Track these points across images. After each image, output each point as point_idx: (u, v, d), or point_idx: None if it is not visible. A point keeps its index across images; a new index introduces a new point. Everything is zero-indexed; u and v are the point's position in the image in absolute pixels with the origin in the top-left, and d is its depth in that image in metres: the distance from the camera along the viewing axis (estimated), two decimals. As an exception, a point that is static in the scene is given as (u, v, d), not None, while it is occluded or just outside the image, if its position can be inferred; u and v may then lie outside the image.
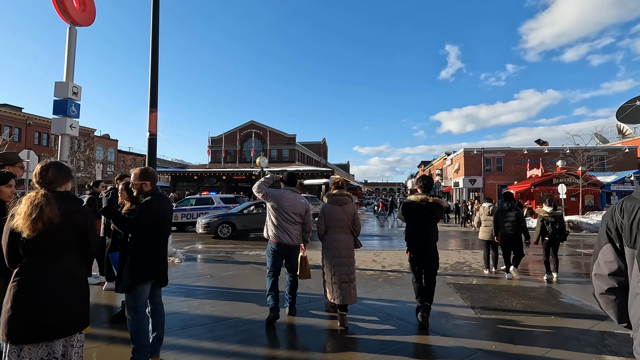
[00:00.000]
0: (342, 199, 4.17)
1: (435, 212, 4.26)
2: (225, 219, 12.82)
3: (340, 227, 4.08)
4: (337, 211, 4.11)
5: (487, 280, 6.45)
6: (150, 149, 8.68)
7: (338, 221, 4.08)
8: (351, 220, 4.14)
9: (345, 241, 4.07)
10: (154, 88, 8.66)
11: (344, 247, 4.04)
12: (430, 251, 4.21)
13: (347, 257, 4.03)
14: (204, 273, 6.73)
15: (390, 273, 6.94)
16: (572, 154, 30.46)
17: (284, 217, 4.04)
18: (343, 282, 3.93)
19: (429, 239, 4.20)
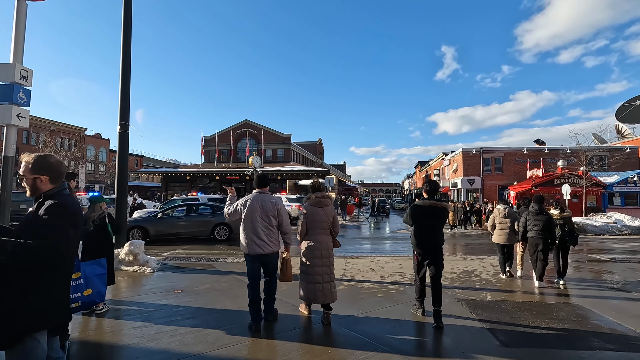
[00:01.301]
0: (322, 201, 4.23)
1: (443, 217, 4.41)
2: (136, 224, 11.62)
3: (321, 228, 4.17)
4: (319, 213, 4.19)
5: (503, 295, 5.57)
6: (121, 145, 7.73)
7: (319, 222, 4.16)
8: (331, 221, 4.27)
9: (326, 242, 4.18)
10: (125, 78, 7.72)
11: (325, 248, 4.14)
12: (438, 254, 4.36)
13: (327, 257, 4.16)
14: (175, 286, 5.80)
15: (391, 286, 6.05)
16: (572, 154, 29.87)
17: (255, 223, 3.94)
18: (325, 282, 4.06)
19: (436, 242, 4.34)
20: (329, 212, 4.26)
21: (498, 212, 7.20)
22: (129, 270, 7.02)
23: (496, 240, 7.07)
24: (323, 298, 4.07)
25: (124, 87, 7.69)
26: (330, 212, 4.28)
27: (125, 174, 7.75)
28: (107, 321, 4.14)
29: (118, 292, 5.46)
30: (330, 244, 4.27)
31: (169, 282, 6.15)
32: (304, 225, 4.20)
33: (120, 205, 7.59)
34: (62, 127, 45.03)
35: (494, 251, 11.27)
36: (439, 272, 4.38)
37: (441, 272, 4.43)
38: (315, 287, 4.05)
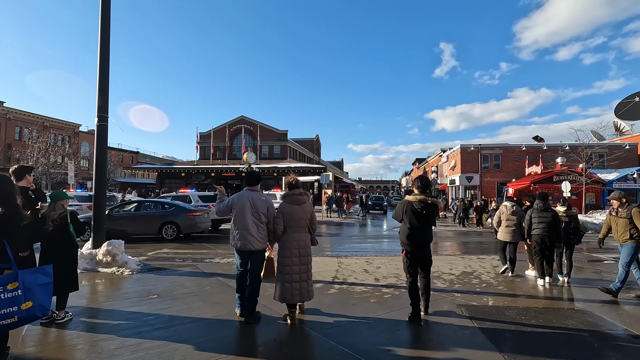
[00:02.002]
0: (300, 198, 4.13)
1: (433, 213, 4.31)
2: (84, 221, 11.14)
3: (299, 226, 4.09)
4: (296, 210, 4.08)
5: (506, 300, 5.16)
6: (100, 138, 7.25)
7: (297, 220, 4.07)
8: (309, 218, 4.17)
9: (304, 240, 4.10)
10: (104, 67, 7.23)
11: (302, 246, 4.06)
12: (426, 250, 4.32)
13: (305, 255, 4.07)
14: (152, 291, 5.35)
15: (386, 290, 5.63)
16: (571, 151, 29.59)
17: (246, 220, 4.00)
18: (302, 280, 3.99)
19: (425, 239, 4.27)
20: (306, 209, 4.15)
21: (505, 209, 7.09)
22: (107, 272, 6.57)
23: (501, 237, 6.97)
24: (300, 297, 4.00)
25: (102, 76, 7.20)
26: (308, 209, 4.18)
27: (103, 169, 7.27)
28: (64, 333, 3.70)
29: (87, 298, 5.02)
30: (308, 241, 4.17)
31: (147, 285, 5.71)
32: (281, 224, 4.08)
33: (98, 202, 7.13)
34: (55, 122, 44.31)
35: (494, 250, 10.93)
36: (428, 268, 4.38)
37: (430, 265, 4.40)
38: (292, 286, 3.96)
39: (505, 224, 6.96)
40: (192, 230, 11.77)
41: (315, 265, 7.30)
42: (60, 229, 3.96)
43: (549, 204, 6.28)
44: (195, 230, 11.97)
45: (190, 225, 11.61)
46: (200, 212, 12.11)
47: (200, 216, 11.99)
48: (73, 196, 15.10)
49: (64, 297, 4.04)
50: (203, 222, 12.17)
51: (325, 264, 7.63)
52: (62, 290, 3.95)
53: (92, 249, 7.04)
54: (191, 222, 11.60)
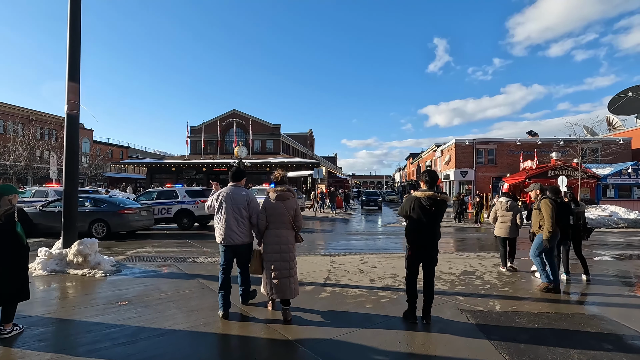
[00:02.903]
0: (283, 195, 4.06)
1: (442, 210, 3.98)
2: None
3: (282, 222, 4.03)
4: (279, 207, 4.02)
5: (514, 304, 4.70)
6: (70, 128, 6.62)
7: (280, 216, 4.02)
8: (292, 215, 4.09)
9: (286, 236, 4.04)
10: (74, 49, 6.58)
11: (284, 242, 4.01)
12: (433, 249, 4.02)
13: (287, 252, 4.01)
14: (123, 296, 4.80)
15: (382, 292, 5.15)
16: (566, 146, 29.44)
17: (227, 215, 4.05)
18: (284, 277, 3.95)
19: (434, 237, 3.97)
20: (290, 206, 4.06)
21: (500, 205, 6.99)
22: (77, 274, 5.99)
23: (498, 233, 6.89)
24: (281, 294, 3.95)
25: (72, 59, 6.56)
26: (292, 205, 4.09)
27: (74, 161, 6.65)
28: (7, 352, 3.14)
29: (47, 305, 4.45)
30: (290, 238, 4.08)
31: (118, 289, 5.15)
32: (264, 220, 4.05)
33: (69, 197, 6.52)
34: (40, 115, 42.96)
35: (494, 247, 10.54)
36: (432, 270, 4.07)
37: (435, 265, 4.10)
38: (273, 283, 3.94)
39: (500, 219, 6.87)
40: (123, 229, 10.91)
41: (307, 265, 6.84)
42: (5, 229, 3.38)
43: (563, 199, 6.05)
44: (127, 229, 11.09)
45: (121, 224, 10.72)
46: (135, 210, 11.18)
47: (134, 214, 11.05)
48: (54, 192, 14.39)
49: (11, 307, 3.47)
50: (138, 220, 11.22)
51: (317, 263, 7.14)
52: (8, 300, 3.39)
53: (62, 248, 6.44)
54: (122, 221, 10.69)
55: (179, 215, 13.20)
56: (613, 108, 37.78)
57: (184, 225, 13.16)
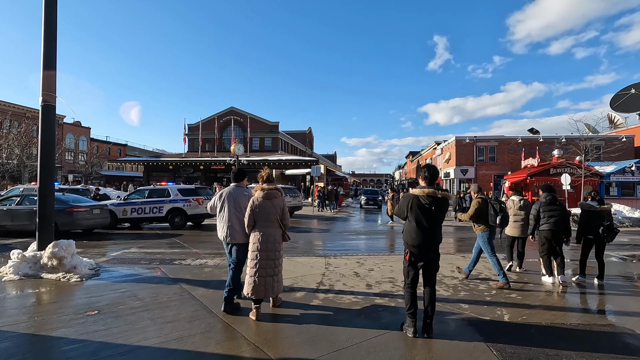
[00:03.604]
0: (271, 193, 4.01)
1: (443, 210, 3.58)
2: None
3: (269, 220, 4.00)
4: (266, 205, 3.99)
5: (524, 313, 4.27)
6: (45, 120, 6.18)
7: (267, 215, 3.99)
8: (280, 214, 4.06)
9: (273, 235, 4.01)
10: (50, 35, 6.13)
11: (271, 242, 3.97)
12: (434, 253, 3.63)
13: (273, 251, 3.97)
14: (94, 304, 4.37)
15: (379, 300, 4.71)
16: (568, 143, 29.06)
17: (229, 214, 4.20)
18: (268, 275, 3.90)
19: (434, 240, 3.57)
20: (277, 205, 4.03)
21: (512, 203, 6.79)
22: (50, 278, 5.56)
23: (509, 232, 6.71)
24: (264, 292, 3.89)
25: (48, 46, 6.11)
26: (279, 204, 4.06)
27: (50, 155, 6.21)
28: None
29: (7, 316, 4.00)
30: (277, 237, 4.03)
31: (91, 296, 4.71)
32: (251, 218, 4.00)
33: (44, 195, 6.09)
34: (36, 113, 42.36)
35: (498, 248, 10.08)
36: (434, 276, 3.69)
37: (436, 271, 3.73)
38: (257, 281, 3.86)
39: (513, 218, 6.62)
40: (71, 227, 10.39)
41: (300, 268, 6.41)
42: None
43: (557, 197, 5.90)
44: (77, 228, 10.63)
45: (70, 223, 10.24)
46: (86, 208, 10.72)
47: (84, 212, 10.60)
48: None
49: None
50: (89, 219, 10.76)
51: (311, 265, 6.70)
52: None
53: (37, 250, 6.01)
54: (71, 219, 10.23)
55: (171, 214, 12.76)
56: (615, 105, 37.28)
57: (176, 224, 12.72)
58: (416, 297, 3.60)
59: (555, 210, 5.69)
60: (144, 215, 12.83)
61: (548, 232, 5.66)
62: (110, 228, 12.52)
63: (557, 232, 5.64)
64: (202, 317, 3.96)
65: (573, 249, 8.68)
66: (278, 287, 4.02)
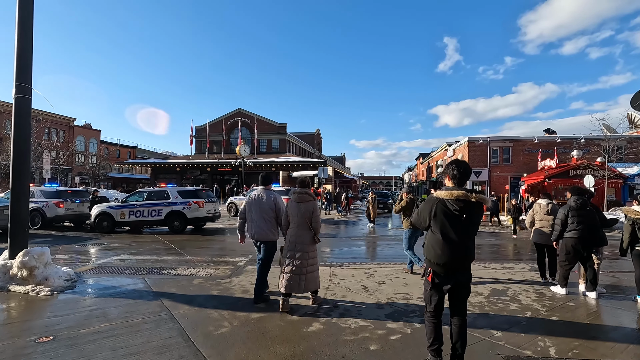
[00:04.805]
0: (302, 197, 4.32)
1: (477, 217, 2.80)
2: None
3: (300, 223, 4.26)
4: (298, 208, 4.28)
5: (575, 345, 3.45)
6: (19, 115, 5.58)
7: (297, 217, 4.26)
8: (309, 217, 4.27)
9: (302, 236, 4.26)
10: (25, 21, 5.54)
11: (299, 242, 4.24)
12: (465, 274, 2.80)
13: (302, 251, 4.22)
14: (53, 327, 3.69)
15: (392, 323, 3.93)
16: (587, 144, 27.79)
17: (255, 215, 4.57)
18: (295, 273, 4.17)
19: (465, 256, 2.75)
20: (308, 208, 4.30)
21: (539, 207, 6.19)
22: (18, 291, 4.93)
23: (536, 239, 6.14)
24: (290, 289, 4.18)
25: (23, 34, 5.51)
26: (310, 208, 4.32)
27: (24, 154, 5.60)
28: None
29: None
30: (307, 238, 4.28)
31: (55, 316, 4.04)
32: (285, 219, 4.38)
33: (17, 198, 5.48)
34: (48, 116, 42.67)
35: (519, 255, 9.22)
36: (464, 303, 2.87)
37: (467, 304, 2.91)
38: (285, 277, 4.19)
39: (539, 224, 6.11)
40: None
41: None
42: None
43: (588, 200, 5.36)
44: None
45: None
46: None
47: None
48: (40, 192, 13.50)
49: None
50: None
51: (313, 277, 5.93)
52: None
53: (8, 259, 5.40)
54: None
55: (170, 218, 12.15)
56: (636, 104, 35.74)
57: (175, 228, 12.10)
58: (441, 329, 2.83)
59: (586, 216, 5.10)
60: (142, 219, 12.24)
61: (575, 240, 5.09)
62: (107, 232, 11.99)
63: (586, 241, 5.08)
64: (174, 346, 3.25)
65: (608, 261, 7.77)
66: (306, 285, 4.24)
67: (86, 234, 11.77)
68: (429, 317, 2.83)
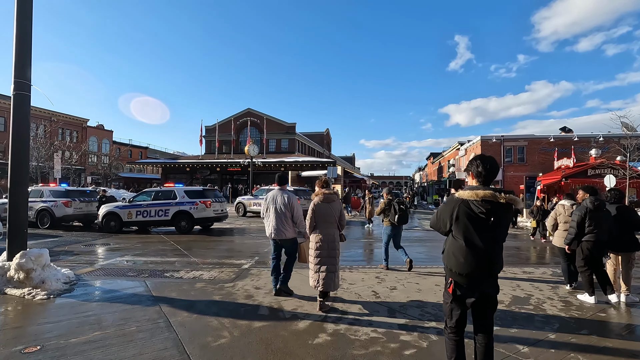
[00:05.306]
0: (329, 197, 4.45)
1: (506, 221, 2.43)
2: None
3: (328, 222, 4.39)
4: (326, 208, 4.39)
5: (610, 363, 3.07)
6: (18, 112, 5.41)
7: (326, 217, 4.37)
8: (338, 216, 4.45)
9: (332, 235, 4.37)
10: (23, 11, 5.38)
11: (331, 241, 4.33)
12: (492, 285, 2.42)
13: (333, 249, 4.33)
14: (42, 335, 3.47)
15: (406, 335, 3.60)
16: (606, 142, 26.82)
17: (273, 214, 4.75)
18: (329, 272, 4.25)
19: (493, 266, 2.39)
20: (336, 208, 4.44)
21: (563, 209, 5.79)
22: (14, 295, 4.75)
23: (559, 243, 5.66)
24: (325, 287, 4.23)
25: (21, 25, 5.35)
26: (337, 207, 4.48)
27: (22, 152, 5.44)
28: None
29: None
30: (335, 237, 4.41)
31: (47, 322, 3.83)
32: (312, 219, 4.41)
33: (16, 197, 5.32)
34: (62, 117, 43.37)
35: (537, 259, 8.75)
36: (491, 319, 2.49)
37: (493, 320, 2.52)
38: (322, 276, 4.23)
39: (563, 227, 5.70)
40: None
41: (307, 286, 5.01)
42: None
43: (605, 202, 5.12)
44: None
45: None
46: None
47: None
48: (49, 192, 13.50)
49: None
50: None
51: (320, 281, 5.63)
52: None
53: (6, 260, 5.24)
54: None
55: (177, 218, 12.00)
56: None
57: (182, 228, 11.95)
58: (463, 347, 2.49)
59: (603, 219, 4.86)
60: (149, 219, 12.12)
61: (592, 244, 4.86)
62: (115, 232, 11.91)
63: (603, 245, 4.89)
64: (168, 359, 2.98)
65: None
66: (337, 282, 4.34)
67: (94, 234, 11.70)
68: (450, 334, 2.50)
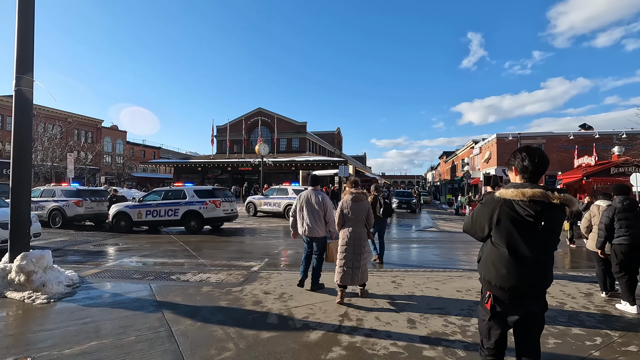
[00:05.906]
0: (358, 196, 4.68)
1: (558, 226, 2.00)
2: None
3: (356, 220, 4.60)
4: (355, 207, 4.63)
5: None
6: (20, 110, 5.23)
7: (355, 215, 4.60)
8: (365, 214, 4.67)
9: (359, 233, 4.59)
10: (25, 12, 5.20)
11: (357, 238, 4.56)
12: (538, 303, 2.03)
13: (359, 246, 4.55)
14: (37, 344, 3.24)
15: (429, 350, 3.24)
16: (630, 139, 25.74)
17: (306, 213, 4.98)
18: (354, 267, 4.48)
19: (542, 279, 2.01)
20: (363, 206, 4.67)
21: (598, 210, 5.28)
22: (14, 298, 4.56)
23: (592, 247, 5.25)
24: (350, 281, 4.49)
25: (23, 21, 5.17)
26: (365, 206, 4.68)
27: (25, 152, 5.27)
28: None
29: None
30: (363, 234, 4.61)
31: (42, 329, 3.60)
32: (341, 218, 4.66)
33: (17, 197, 5.14)
34: (77, 118, 44.09)
35: (574, 265, 8.19)
36: (537, 342, 2.07)
37: (539, 341, 2.08)
38: (346, 271, 4.47)
39: (596, 229, 5.16)
40: None
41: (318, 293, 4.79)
42: None
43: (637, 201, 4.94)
44: None
45: None
46: None
47: None
48: (61, 191, 13.52)
49: None
50: None
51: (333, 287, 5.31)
52: None
53: (8, 262, 5.07)
54: None
55: (187, 218, 11.83)
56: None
57: (191, 228, 11.78)
58: None
59: (636, 219, 4.59)
60: (159, 218, 11.99)
61: (626, 246, 4.59)
62: (125, 231, 11.82)
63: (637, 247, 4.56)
64: (166, 377, 2.69)
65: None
66: (362, 277, 4.57)
67: (104, 234, 11.63)
68: (487, 356, 2.14)
